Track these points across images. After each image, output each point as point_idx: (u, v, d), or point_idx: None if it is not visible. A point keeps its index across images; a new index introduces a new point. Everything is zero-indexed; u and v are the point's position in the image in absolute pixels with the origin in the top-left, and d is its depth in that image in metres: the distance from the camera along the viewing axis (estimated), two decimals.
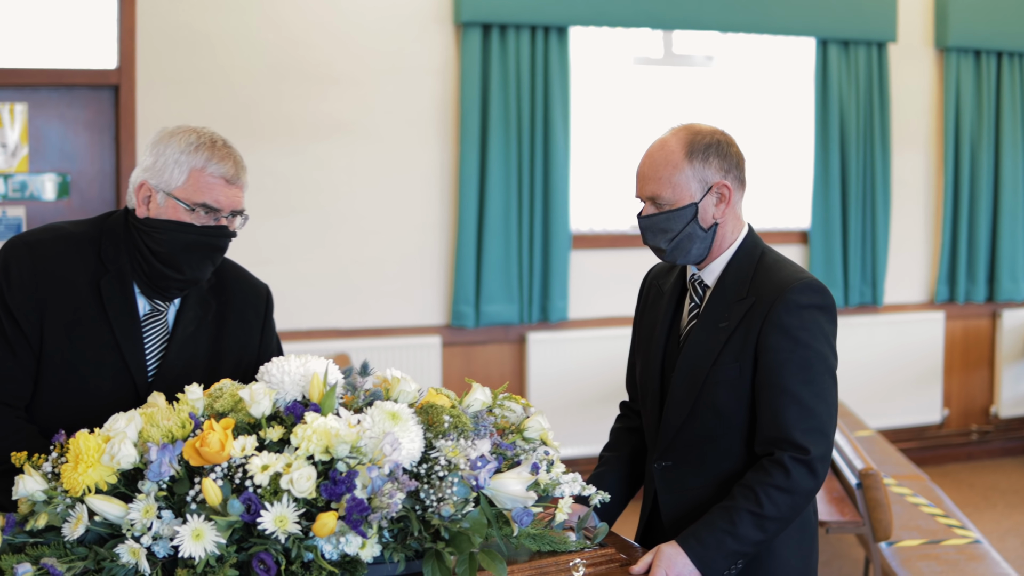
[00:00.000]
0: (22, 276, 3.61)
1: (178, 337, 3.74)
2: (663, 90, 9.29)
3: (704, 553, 3.45)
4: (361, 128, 8.43)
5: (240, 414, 3.14)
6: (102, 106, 7.89)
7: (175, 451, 2.99)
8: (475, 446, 3.17)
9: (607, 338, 8.93)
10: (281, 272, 8.21)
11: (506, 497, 3.20)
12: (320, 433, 3.00)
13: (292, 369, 3.25)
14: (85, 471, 2.97)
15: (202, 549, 2.84)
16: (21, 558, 2.95)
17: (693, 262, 3.74)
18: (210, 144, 3.64)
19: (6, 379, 3.59)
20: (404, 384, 3.36)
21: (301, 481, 2.91)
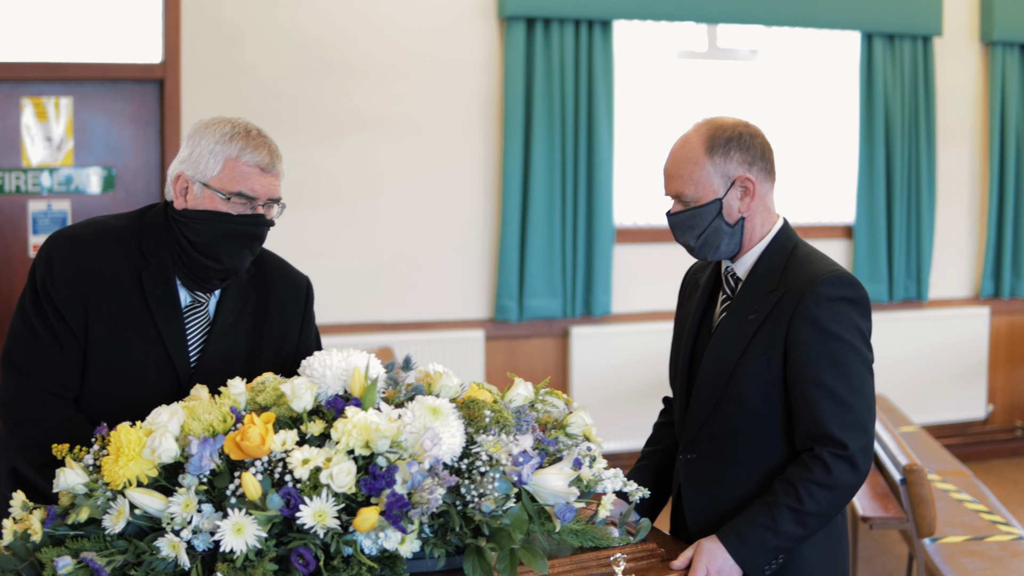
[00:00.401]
0: (65, 270, 3.64)
1: (218, 328, 3.77)
2: (707, 84, 9.28)
3: (744, 548, 3.45)
4: (405, 122, 8.45)
5: (282, 408, 3.15)
6: (147, 100, 7.92)
7: (216, 445, 3.00)
8: (517, 441, 3.17)
9: (650, 332, 8.92)
10: (325, 266, 8.23)
11: (548, 493, 3.19)
12: (360, 428, 3.00)
13: (334, 363, 3.26)
14: (126, 464, 2.98)
15: (243, 543, 2.85)
16: (61, 551, 2.96)
17: (724, 257, 3.71)
18: (244, 133, 3.65)
19: (55, 371, 3.62)
20: (446, 379, 3.37)
21: (340, 476, 2.91)
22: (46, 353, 3.63)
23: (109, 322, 3.65)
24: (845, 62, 9.58)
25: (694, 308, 3.84)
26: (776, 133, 9.07)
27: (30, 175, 7.77)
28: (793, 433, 3.57)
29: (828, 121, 9.67)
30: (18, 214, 7.78)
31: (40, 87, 7.77)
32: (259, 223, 3.67)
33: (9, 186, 7.73)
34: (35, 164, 7.79)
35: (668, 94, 9.19)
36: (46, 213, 7.76)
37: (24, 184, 7.75)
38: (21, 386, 3.63)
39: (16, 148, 7.72)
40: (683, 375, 3.83)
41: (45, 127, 7.80)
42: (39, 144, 7.80)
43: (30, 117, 7.76)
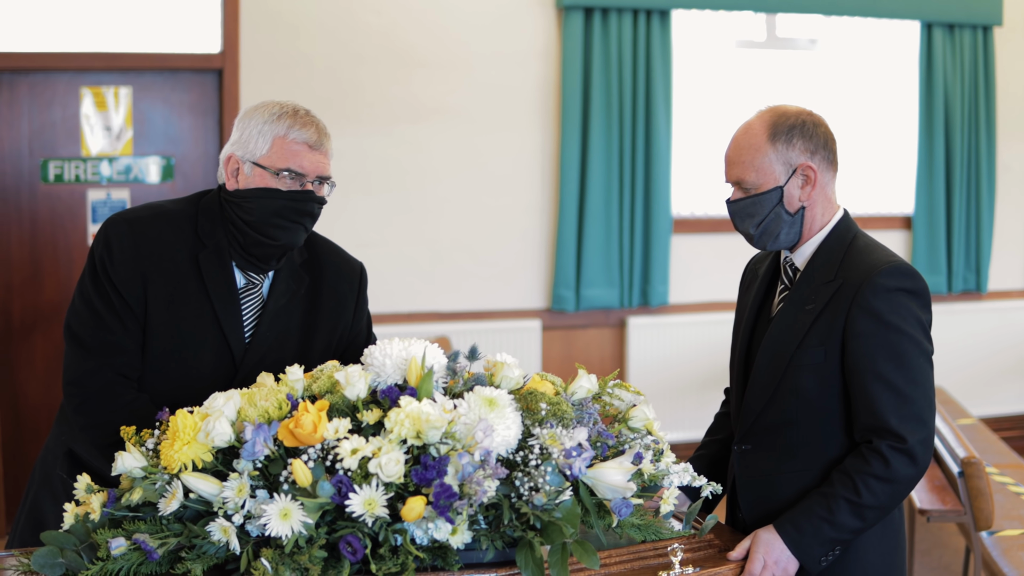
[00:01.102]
0: (124, 251, 3.68)
1: (270, 309, 3.80)
2: (766, 74, 9.24)
3: (801, 540, 3.43)
4: (461, 112, 8.46)
5: (336, 396, 3.16)
6: (206, 90, 7.96)
7: (270, 431, 3.02)
8: (571, 435, 3.16)
9: (708, 323, 8.90)
10: (383, 255, 8.26)
11: (606, 487, 3.18)
12: (412, 418, 3.01)
13: (394, 352, 3.26)
14: (181, 448, 3.02)
15: (289, 528, 2.87)
16: (118, 532, 2.99)
17: (783, 247, 3.69)
18: (292, 112, 3.69)
19: (119, 351, 3.67)
20: (508, 370, 3.36)
21: (389, 465, 2.92)
22: (110, 332, 3.67)
23: (167, 303, 3.69)
24: (904, 52, 9.51)
25: (752, 298, 3.83)
26: (835, 124, 9.01)
27: (89, 164, 7.82)
28: (850, 425, 3.55)
29: (887, 112, 9.61)
30: (77, 203, 7.83)
31: (100, 77, 7.81)
32: (309, 199, 3.71)
33: (69, 175, 7.78)
34: (94, 153, 7.83)
35: (726, 84, 9.16)
36: (105, 202, 7.81)
37: (84, 173, 7.80)
38: (87, 365, 3.67)
39: (76, 137, 7.78)
40: (739, 365, 3.82)
41: (104, 117, 7.85)
42: (98, 133, 7.84)
43: (90, 107, 7.81)
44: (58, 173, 7.78)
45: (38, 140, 7.78)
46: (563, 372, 8.78)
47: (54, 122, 7.79)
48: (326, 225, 7.97)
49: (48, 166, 7.77)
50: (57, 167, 7.78)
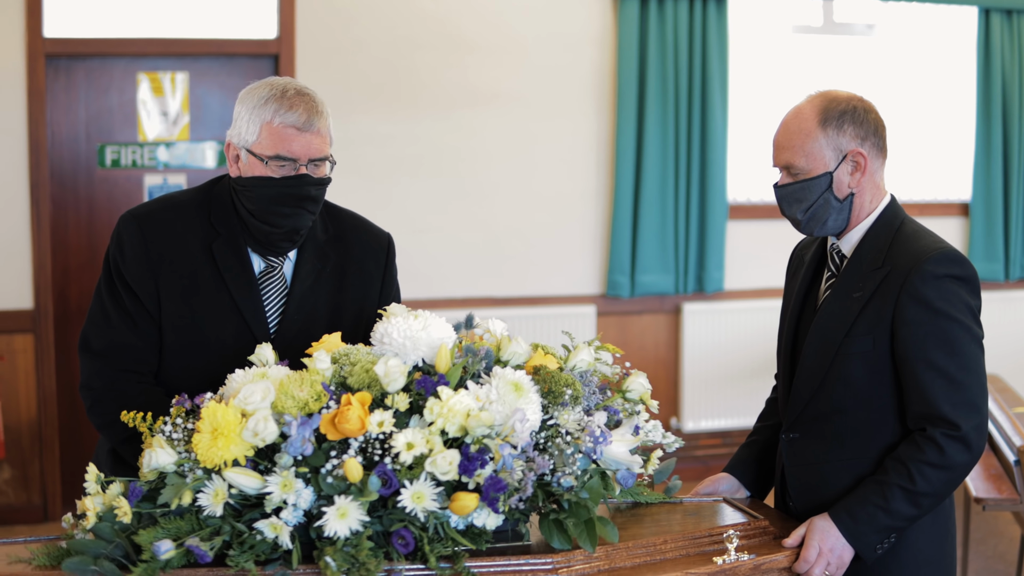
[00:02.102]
0: (135, 248, 3.68)
1: (297, 291, 3.77)
2: (822, 60, 9.19)
3: (856, 528, 3.42)
4: (516, 97, 8.46)
5: (374, 390, 3.13)
6: (262, 75, 7.97)
7: (312, 425, 3.01)
8: (593, 418, 3.20)
9: (763, 310, 8.86)
10: (438, 240, 8.28)
11: (611, 460, 3.24)
12: (458, 413, 3.02)
13: (416, 335, 3.23)
14: (226, 446, 2.99)
15: (347, 528, 2.91)
16: (157, 531, 2.99)
17: (830, 233, 3.67)
18: (279, 95, 3.60)
19: (126, 348, 3.68)
20: (515, 346, 3.34)
21: (443, 464, 2.95)
22: (117, 332, 3.68)
23: (183, 295, 3.69)
24: (962, 38, 9.44)
25: (798, 285, 3.81)
26: (891, 109, 8.98)
27: (146, 149, 7.86)
28: (901, 412, 3.53)
29: (944, 98, 9.54)
30: (134, 188, 7.87)
31: (156, 62, 7.85)
32: (304, 183, 3.61)
33: (126, 160, 7.83)
34: (151, 139, 7.88)
35: (783, 70, 9.11)
36: (162, 187, 7.85)
37: (140, 158, 7.85)
38: (94, 366, 3.70)
39: (132, 123, 7.82)
40: (787, 353, 3.80)
41: (161, 102, 7.89)
42: (155, 119, 7.89)
43: (146, 92, 7.86)
44: (115, 158, 7.83)
45: (95, 125, 7.83)
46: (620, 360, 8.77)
47: (111, 107, 7.84)
48: (378, 209, 7.99)
49: (105, 151, 7.82)
50: (114, 152, 7.83)
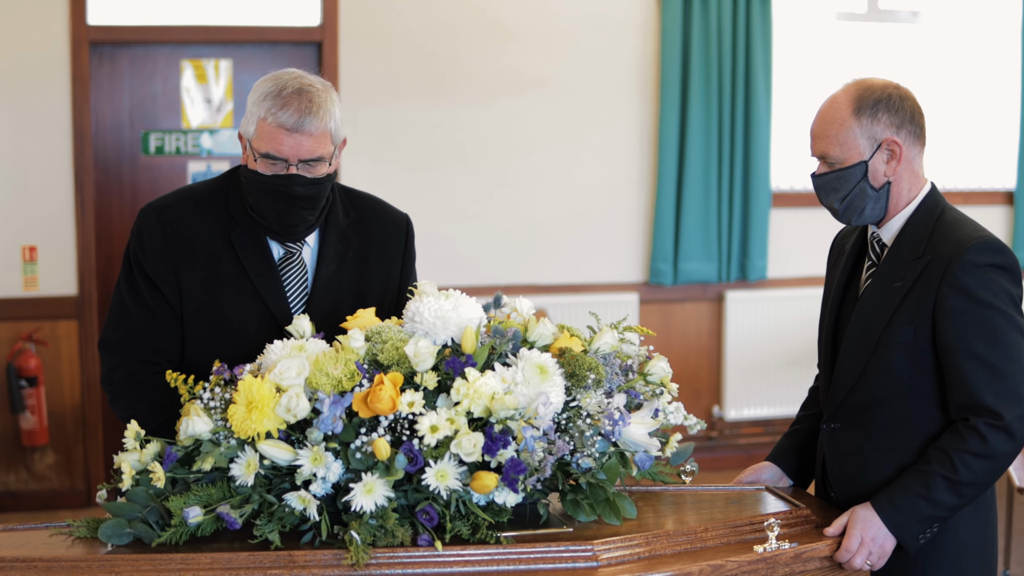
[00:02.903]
0: (154, 241, 3.71)
1: (321, 276, 3.79)
2: (867, 47, 9.14)
3: (898, 517, 3.41)
4: (561, 84, 8.45)
5: (403, 368, 3.19)
6: (305, 62, 8.00)
7: (344, 403, 3.08)
8: (613, 401, 3.24)
9: (806, 298, 8.81)
10: (480, 227, 8.29)
11: (631, 441, 3.28)
12: (483, 395, 3.09)
13: (446, 314, 3.27)
14: (260, 420, 3.06)
15: (372, 503, 3.01)
16: (188, 498, 3.07)
17: (869, 222, 3.64)
18: (276, 92, 3.57)
19: (145, 340, 3.72)
20: (542, 327, 3.38)
21: (468, 446, 3.03)
22: (136, 323, 3.72)
23: (204, 285, 3.71)
24: (1008, 24, 9.37)
25: (839, 275, 3.79)
26: (936, 97, 8.94)
27: (190, 136, 7.89)
28: (943, 402, 3.51)
29: (989, 85, 9.48)
30: (178, 175, 7.91)
31: (200, 50, 7.88)
32: (292, 183, 3.60)
33: (169, 147, 7.86)
34: (195, 126, 7.91)
35: (827, 57, 9.07)
36: (205, 174, 7.88)
37: (184, 145, 7.88)
38: (113, 359, 3.74)
39: (176, 110, 7.85)
40: (827, 343, 3.78)
41: (205, 89, 7.92)
42: (199, 106, 7.91)
43: (190, 79, 7.88)
44: (159, 145, 7.86)
45: (139, 112, 7.86)
46: (660, 347, 8.77)
47: (155, 95, 7.87)
48: (421, 196, 8.01)
49: (149, 138, 7.85)
50: (158, 139, 7.86)
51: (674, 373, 7.31)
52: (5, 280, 7.74)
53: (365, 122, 8.11)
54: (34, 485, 7.91)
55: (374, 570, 3.02)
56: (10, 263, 7.73)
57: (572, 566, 3.09)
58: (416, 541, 3.05)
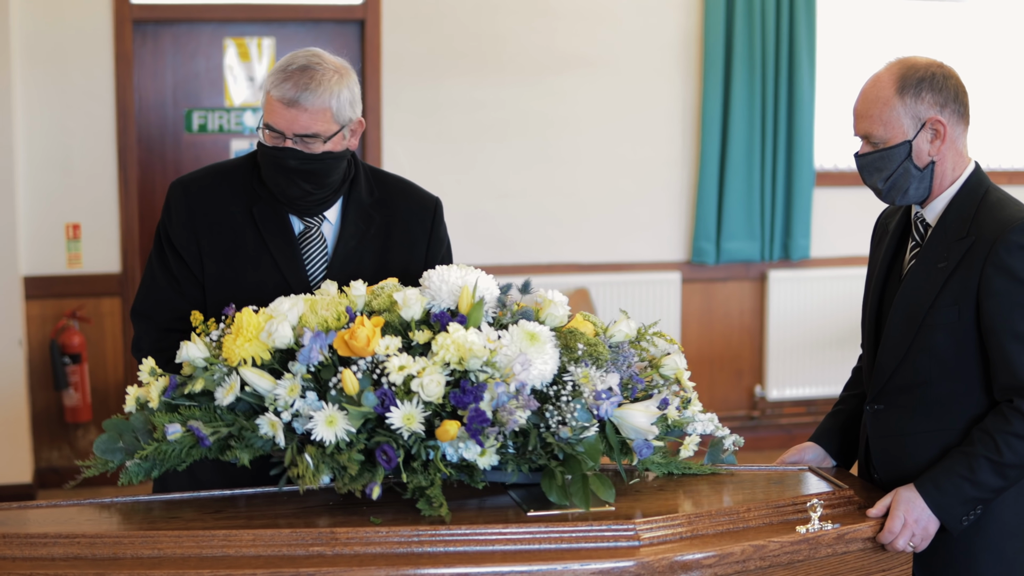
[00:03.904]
0: (180, 214, 3.83)
1: (340, 252, 3.84)
2: (912, 23, 9.09)
3: (941, 499, 3.39)
4: (604, 62, 8.43)
5: (392, 315, 3.31)
6: (347, 41, 8.00)
7: (327, 339, 3.19)
8: (604, 378, 3.26)
9: (849, 278, 8.78)
10: (522, 205, 8.28)
11: (630, 427, 3.31)
12: (457, 344, 3.16)
13: (451, 279, 3.37)
14: (243, 344, 3.21)
15: (333, 435, 3.11)
16: (174, 418, 3.22)
17: (913, 202, 3.61)
18: (283, 67, 3.67)
19: (170, 308, 3.81)
20: (554, 308, 3.43)
21: (431, 386, 3.11)
22: (162, 292, 3.82)
23: (225, 256, 3.80)
24: None
25: (882, 255, 3.76)
26: (982, 75, 8.87)
27: (233, 114, 7.91)
28: (987, 384, 3.49)
29: None
30: (221, 153, 7.93)
31: (243, 28, 7.89)
32: (284, 156, 3.66)
33: (212, 125, 7.88)
34: (237, 104, 7.92)
35: (872, 34, 9.02)
36: (248, 151, 7.89)
37: (227, 123, 7.89)
38: (141, 327, 3.86)
39: (219, 88, 7.86)
40: (871, 324, 3.76)
41: (248, 67, 7.93)
42: (242, 84, 7.93)
43: (233, 58, 7.90)
44: (202, 123, 7.88)
45: (182, 90, 7.88)
46: (702, 325, 8.72)
47: (198, 73, 7.89)
48: (462, 174, 8.02)
49: (192, 116, 7.87)
50: (201, 117, 7.88)
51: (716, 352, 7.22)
52: (49, 258, 7.78)
53: (407, 100, 8.11)
54: (77, 462, 7.93)
55: (415, 547, 3.04)
56: (54, 241, 7.76)
57: (614, 545, 3.10)
58: (366, 491, 3.13)
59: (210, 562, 2.98)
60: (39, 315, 7.79)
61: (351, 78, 3.74)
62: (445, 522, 3.07)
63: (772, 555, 3.18)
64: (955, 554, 3.53)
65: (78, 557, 3.01)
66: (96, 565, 2.98)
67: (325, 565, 2.96)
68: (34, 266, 7.77)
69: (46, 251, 7.78)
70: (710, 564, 3.10)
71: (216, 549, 3.02)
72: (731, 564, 3.12)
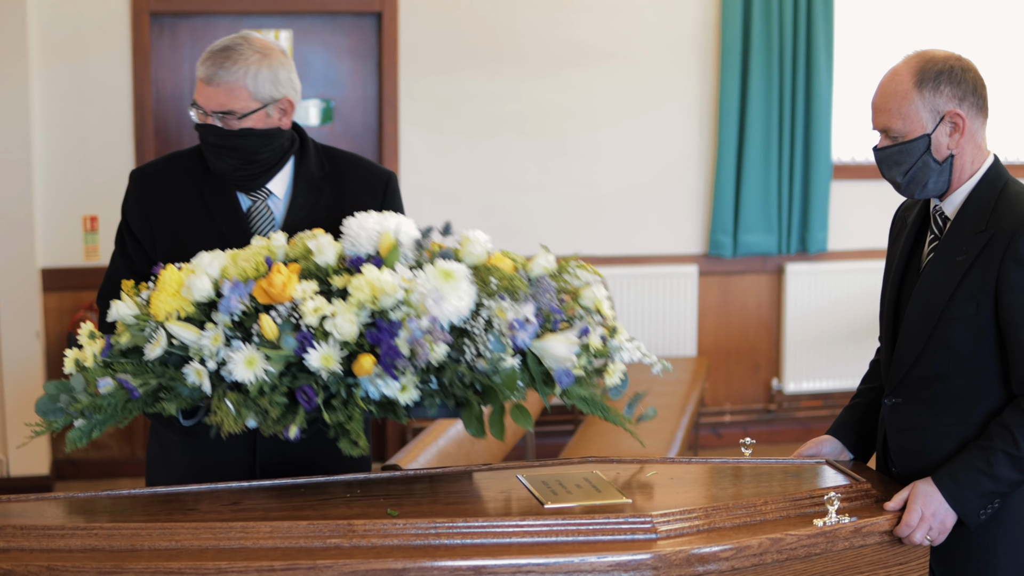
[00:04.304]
0: (133, 197, 4.01)
1: (289, 224, 3.90)
2: (931, 14, 9.05)
3: (959, 492, 3.39)
4: (622, 55, 8.42)
5: (309, 262, 3.39)
6: (365, 33, 8.01)
7: (247, 289, 3.29)
8: (519, 309, 3.32)
9: (867, 271, 8.76)
10: (539, 198, 8.29)
11: (552, 358, 3.33)
12: (370, 284, 3.25)
13: (369, 225, 3.46)
14: (165, 299, 3.34)
15: (252, 375, 3.21)
16: (107, 372, 3.30)
17: (932, 195, 3.60)
18: (209, 49, 3.86)
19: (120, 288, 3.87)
20: (472, 246, 3.47)
21: (344, 325, 3.20)
22: (120, 275, 3.88)
23: (175, 235, 3.91)
24: None
25: (901, 248, 3.76)
26: (1002, 69, 8.85)
27: None
28: (1006, 378, 3.48)
29: None
30: None
31: (260, 20, 7.90)
32: (205, 131, 3.83)
33: None
34: None
35: (890, 26, 8.99)
36: None
37: None
38: (103, 308, 3.89)
39: None
40: (889, 317, 3.75)
41: None
42: None
43: None
44: None
45: None
46: (719, 318, 8.73)
47: None
48: (479, 166, 8.02)
49: None
50: None
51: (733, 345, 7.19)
52: (66, 250, 7.80)
53: (424, 92, 8.12)
54: (94, 453, 7.99)
55: (432, 539, 3.05)
56: (71, 233, 7.79)
57: (631, 538, 3.10)
58: (285, 433, 3.25)
59: (228, 554, 2.99)
60: (56, 307, 7.81)
61: (277, 59, 3.85)
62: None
63: (789, 548, 3.18)
64: (972, 548, 3.52)
65: (96, 548, 3.03)
66: (114, 557, 2.99)
67: (342, 557, 2.97)
68: (52, 258, 7.79)
69: (64, 243, 7.80)
70: (727, 557, 3.10)
71: (234, 541, 3.03)
72: (748, 557, 3.13)
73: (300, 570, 2.95)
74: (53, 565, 2.95)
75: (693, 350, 8.67)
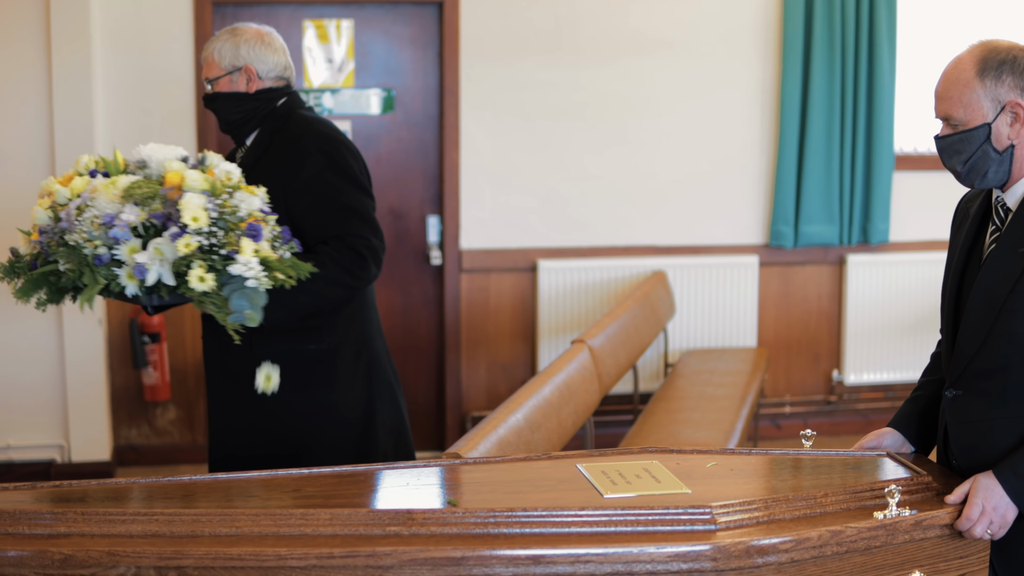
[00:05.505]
0: None
1: (246, 170, 4.55)
2: (994, 5, 8.98)
3: (1020, 486, 3.36)
4: (682, 44, 8.39)
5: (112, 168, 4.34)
6: (426, 22, 8.01)
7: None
8: (124, 211, 3.98)
9: (929, 262, 8.71)
10: (598, 187, 8.27)
11: (170, 251, 3.88)
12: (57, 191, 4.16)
13: (151, 153, 4.31)
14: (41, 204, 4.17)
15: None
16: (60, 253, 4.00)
17: (992, 185, 3.57)
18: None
19: None
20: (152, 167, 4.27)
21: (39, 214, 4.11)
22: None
23: None
24: None
25: (962, 239, 3.73)
26: None
27: (312, 96, 7.94)
28: None
29: None
30: None
31: (322, 10, 7.92)
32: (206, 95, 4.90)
33: None
34: (316, 85, 7.95)
35: (954, 16, 8.92)
36: None
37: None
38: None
39: (298, 70, 7.89)
40: (950, 309, 3.72)
41: (326, 49, 7.96)
42: (320, 66, 7.96)
43: (312, 39, 7.92)
44: None
45: None
46: (780, 309, 8.68)
47: None
48: (537, 154, 8.01)
49: None
50: None
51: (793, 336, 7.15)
52: None
53: (484, 81, 8.12)
54: (155, 440, 8.04)
55: (491, 528, 3.06)
56: None
57: (690, 529, 3.10)
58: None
59: (287, 540, 3.01)
60: None
61: (243, 36, 4.80)
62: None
63: (849, 540, 3.17)
64: None
65: (156, 534, 3.05)
66: (174, 542, 3.01)
67: (402, 544, 2.99)
68: None
69: None
70: (787, 549, 3.10)
71: (293, 528, 3.05)
72: (808, 549, 3.12)
73: (359, 557, 2.97)
74: (114, 550, 2.98)
75: (753, 341, 8.64)
